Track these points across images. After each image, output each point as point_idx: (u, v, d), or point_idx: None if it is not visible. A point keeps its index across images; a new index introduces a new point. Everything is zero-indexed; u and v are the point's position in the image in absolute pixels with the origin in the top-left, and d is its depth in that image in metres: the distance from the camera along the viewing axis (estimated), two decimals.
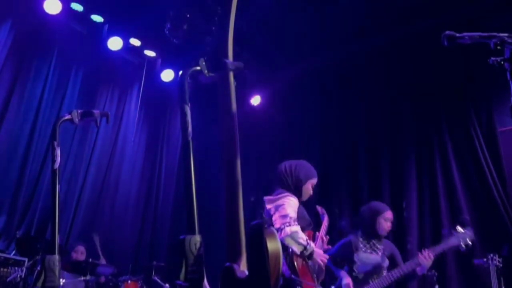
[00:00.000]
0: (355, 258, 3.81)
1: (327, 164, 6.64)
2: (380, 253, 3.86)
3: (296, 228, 2.78)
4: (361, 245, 3.87)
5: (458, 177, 5.41)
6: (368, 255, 3.83)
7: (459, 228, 3.86)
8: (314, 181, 3.19)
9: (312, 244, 2.88)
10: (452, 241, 3.79)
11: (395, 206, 5.73)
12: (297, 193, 3.06)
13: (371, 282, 3.73)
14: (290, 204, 2.89)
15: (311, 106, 7.16)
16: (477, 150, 5.30)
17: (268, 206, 2.97)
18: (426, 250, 3.72)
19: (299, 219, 2.88)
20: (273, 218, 2.87)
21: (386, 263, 3.85)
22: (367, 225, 3.90)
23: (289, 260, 2.80)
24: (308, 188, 3.14)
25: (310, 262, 2.90)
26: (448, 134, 5.66)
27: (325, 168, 6.64)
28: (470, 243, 3.78)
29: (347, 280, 3.76)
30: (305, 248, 2.79)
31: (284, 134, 7.31)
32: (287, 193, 2.98)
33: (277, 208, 2.89)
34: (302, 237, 2.79)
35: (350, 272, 3.83)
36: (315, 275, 2.92)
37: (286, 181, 3.08)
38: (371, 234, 3.89)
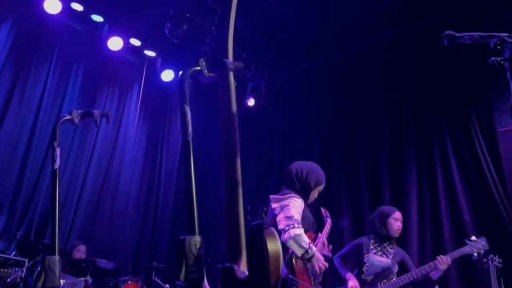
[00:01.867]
0: (365, 259, 3.85)
1: (327, 164, 6.62)
2: (390, 257, 3.89)
3: (300, 231, 2.77)
4: (372, 247, 3.91)
5: (458, 177, 5.41)
6: (379, 257, 3.87)
7: (473, 238, 3.96)
8: (322, 187, 3.22)
9: (314, 248, 2.87)
10: (465, 250, 3.88)
11: (395, 206, 5.73)
12: (304, 196, 3.06)
13: (379, 285, 3.76)
14: (295, 205, 2.89)
15: (311, 106, 7.16)
16: (477, 150, 5.30)
17: (273, 205, 2.97)
18: (442, 256, 3.80)
19: (303, 221, 2.88)
20: (278, 218, 2.87)
21: (396, 268, 3.88)
22: (378, 228, 3.95)
23: (288, 259, 2.80)
24: (315, 194, 3.18)
25: (308, 264, 2.90)
26: (448, 134, 5.65)
27: (325, 168, 6.59)
28: (482, 252, 3.88)
29: (352, 283, 3.78)
30: (306, 251, 2.79)
31: (284, 134, 7.31)
32: (293, 194, 2.97)
33: (282, 208, 2.89)
34: (305, 240, 2.79)
35: (359, 275, 3.86)
36: (312, 277, 2.92)
37: (294, 183, 3.09)
38: (383, 236, 3.93)
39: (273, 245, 1.30)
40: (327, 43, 6.60)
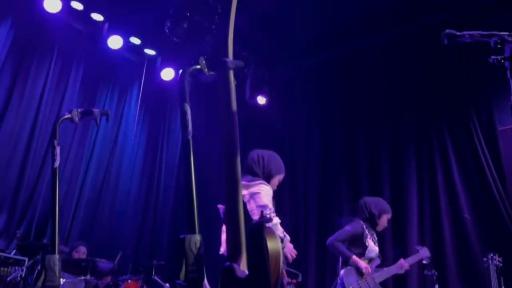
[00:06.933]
0: (366, 243, 3.96)
1: (327, 163, 6.64)
2: (377, 245, 4.08)
3: (276, 220, 2.70)
4: (367, 233, 4.01)
5: (458, 176, 5.41)
6: (372, 243, 4.00)
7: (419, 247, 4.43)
8: (281, 176, 3.10)
9: (288, 236, 2.83)
10: (420, 256, 4.29)
11: (395, 205, 5.73)
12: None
13: (377, 269, 3.96)
14: (266, 193, 2.77)
15: (311, 105, 7.15)
16: (477, 149, 5.30)
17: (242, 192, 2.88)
18: (403, 261, 4.17)
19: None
20: (249, 207, 2.73)
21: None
22: (372, 218, 4.07)
23: None
24: (275, 183, 3.06)
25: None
26: (448, 133, 5.65)
27: (325, 166, 6.64)
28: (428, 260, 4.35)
29: (363, 263, 3.89)
30: (282, 240, 2.75)
31: (284, 133, 7.31)
32: (261, 180, 2.86)
33: (252, 195, 2.76)
34: (280, 229, 2.73)
35: (359, 257, 3.96)
36: (284, 265, 2.89)
37: (256, 168, 2.99)
38: (373, 227, 4.08)
39: (273, 244, 1.30)
40: (327, 42, 6.59)
